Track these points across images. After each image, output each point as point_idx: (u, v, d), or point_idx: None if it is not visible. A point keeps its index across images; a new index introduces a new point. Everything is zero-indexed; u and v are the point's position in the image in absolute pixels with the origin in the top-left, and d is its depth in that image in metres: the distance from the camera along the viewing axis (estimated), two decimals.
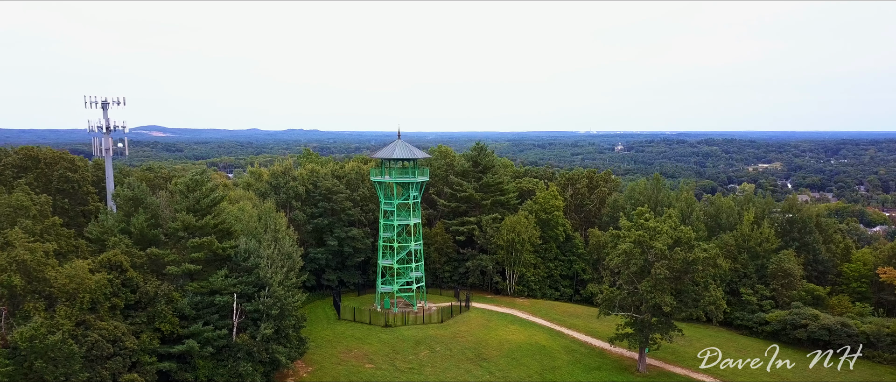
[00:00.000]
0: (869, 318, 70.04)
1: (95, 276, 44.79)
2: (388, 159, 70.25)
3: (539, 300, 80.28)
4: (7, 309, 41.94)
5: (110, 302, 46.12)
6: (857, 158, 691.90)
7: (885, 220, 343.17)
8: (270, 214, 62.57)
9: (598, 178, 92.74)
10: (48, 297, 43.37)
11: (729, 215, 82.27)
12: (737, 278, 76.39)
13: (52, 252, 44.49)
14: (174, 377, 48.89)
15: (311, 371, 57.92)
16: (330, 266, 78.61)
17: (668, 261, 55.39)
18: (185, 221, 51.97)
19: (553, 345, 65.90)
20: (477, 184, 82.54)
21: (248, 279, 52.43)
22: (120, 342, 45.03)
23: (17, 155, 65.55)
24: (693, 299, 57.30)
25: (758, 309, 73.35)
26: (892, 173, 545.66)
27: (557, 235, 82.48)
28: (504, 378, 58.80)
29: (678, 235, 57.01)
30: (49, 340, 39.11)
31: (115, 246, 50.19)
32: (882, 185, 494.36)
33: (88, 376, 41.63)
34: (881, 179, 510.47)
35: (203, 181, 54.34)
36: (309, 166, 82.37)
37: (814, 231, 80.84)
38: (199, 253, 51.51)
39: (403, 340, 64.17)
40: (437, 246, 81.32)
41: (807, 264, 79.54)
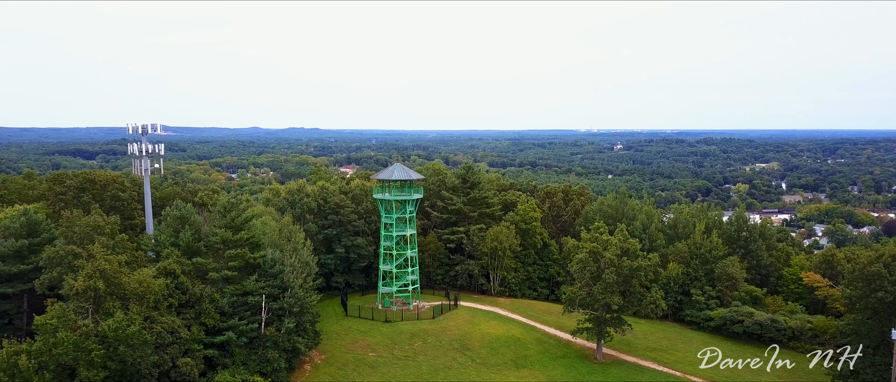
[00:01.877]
0: (798, 315, 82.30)
1: (157, 281, 57.16)
2: (388, 180, 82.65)
3: (519, 300, 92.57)
4: (93, 307, 54.29)
5: (167, 302, 58.48)
6: (854, 157, 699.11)
7: (873, 221, 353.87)
8: (289, 227, 74.97)
9: (572, 192, 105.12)
10: (123, 298, 55.66)
11: (685, 226, 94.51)
12: (688, 280, 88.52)
13: (123, 262, 56.86)
14: (216, 361, 61.18)
15: (325, 358, 70.41)
16: (338, 270, 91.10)
17: (616, 268, 67.65)
18: (224, 236, 64.33)
19: (527, 337, 78.17)
20: (465, 198, 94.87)
21: (274, 283, 64.77)
22: (176, 333, 57.40)
23: (78, 179, 77.84)
24: (637, 299, 69.58)
25: (705, 308, 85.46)
26: (887, 173, 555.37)
27: (535, 242, 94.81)
28: (483, 364, 71.14)
29: (626, 246, 69.23)
30: (128, 330, 51.46)
31: (167, 257, 62.56)
32: (875, 185, 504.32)
33: (156, 359, 54.04)
34: (875, 179, 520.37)
35: (237, 204, 66.67)
36: (319, 183, 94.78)
37: (758, 240, 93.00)
38: (235, 262, 63.85)
39: (401, 333, 76.51)
40: (430, 252, 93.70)
41: (750, 268, 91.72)
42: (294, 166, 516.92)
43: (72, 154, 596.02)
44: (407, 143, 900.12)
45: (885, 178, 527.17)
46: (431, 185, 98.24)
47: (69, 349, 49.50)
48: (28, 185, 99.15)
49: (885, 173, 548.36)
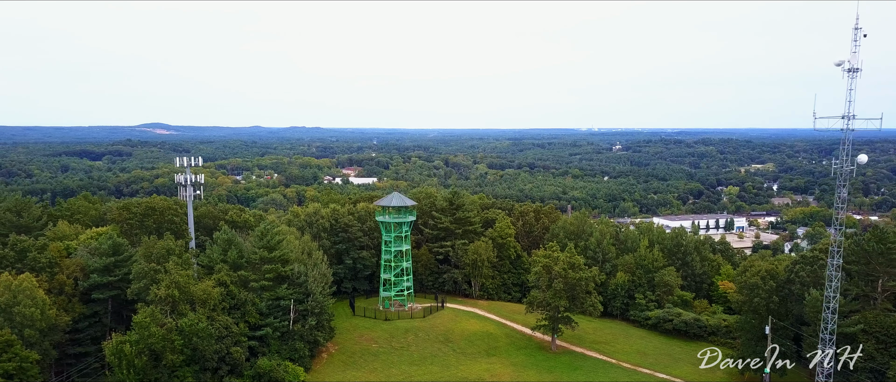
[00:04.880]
0: (718, 315, 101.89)
1: (215, 289, 77.01)
2: (387, 206, 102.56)
3: (495, 302, 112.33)
4: (170, 309, 74.18)
5: (222, 305, 78.34)
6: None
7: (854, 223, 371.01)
8: (309, 245, 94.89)
9: (542, 211, 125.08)
10: (191, 302, 75.53)
11: (632, 241, 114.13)
12: (633, 286, 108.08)
13: (191, 276, 76.78)
14: (257, 350, 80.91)
15: (338, 348, 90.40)
16: (347, 278, 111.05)
17: (563, 278, 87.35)
18: (261, 254, 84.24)
19: (498, 332, 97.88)
20: (452, 218, 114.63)
21: (299, 290, 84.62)
22: (229, 328, 77.18)
23: (141, 206, 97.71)
24: (581, 302, 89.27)
25: (645, 309, 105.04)
26: (878, 175, 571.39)
27: (510, 254, 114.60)
28: (462, 353, 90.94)
29: (572, 261, 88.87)
30: (199, 326, 71.35)
31: (219, 271, 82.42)
32: (863, 188, 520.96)
33: (217, 347, 73.90)
34: (865, 181, 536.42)
35: (270, 229, 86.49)
36: (331, 205, 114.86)
37: (693, 253, 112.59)
38: (270, 274, 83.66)
39: (397, 329, 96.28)
40: (423, 263, 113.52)
41: (686, 276, 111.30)
42: (297, 168, 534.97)
43: (78, 155, 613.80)
44: (408, 143, 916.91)
45: (874, 180, 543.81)
46: (424, 206, 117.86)
47: (158, 339, 69.43)
48: (88, 206, 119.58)
49: (876, 174, 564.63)
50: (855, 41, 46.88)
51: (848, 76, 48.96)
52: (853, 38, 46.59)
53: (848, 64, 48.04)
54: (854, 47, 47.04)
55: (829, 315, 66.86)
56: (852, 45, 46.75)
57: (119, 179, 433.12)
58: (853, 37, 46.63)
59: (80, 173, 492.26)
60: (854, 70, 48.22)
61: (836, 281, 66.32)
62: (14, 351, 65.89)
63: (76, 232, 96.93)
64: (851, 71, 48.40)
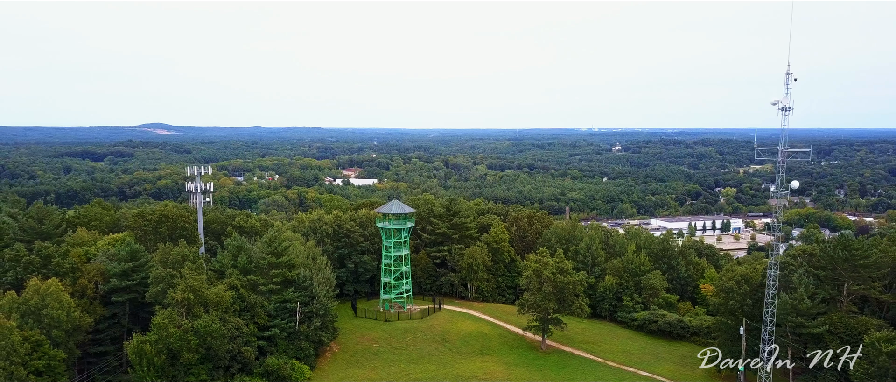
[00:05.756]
0: (700, 316, 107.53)
1: (227, 293, 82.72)
2: (388, 213, 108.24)
3: (490, 304, 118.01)
4: (186, 311, 79.92)
5: (234, 307, 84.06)
6: (848, 159, 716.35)
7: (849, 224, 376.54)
8: (313, 250, 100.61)
9: (536, 217, 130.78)
10: (205, 305, 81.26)
11: (621, 246, 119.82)
12: (621, 289, 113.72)
13: (205, 280, 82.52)
14: (266, 350, 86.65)
15: (341, 348, 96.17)
16: (349, 281, 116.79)
17: (552, 282, 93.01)
18: (269, 260, 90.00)
19: (492, 333, 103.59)
20: (449, 224, 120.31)
21: (305, 293, 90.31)
22: (240, 329, 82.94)
23: (155, 214, 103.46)
24: (569, 304, 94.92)
25: (632, 311, 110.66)
26: (876, 175, 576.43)
27: (504, 258, 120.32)
28: (458, 352, 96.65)
29: (561, 266, 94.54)
30: (213, 327, 77.10)
31: (230, 275, 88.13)
32: (860, 189, 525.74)
33: (229, 347, 79.64)
34: (862, 182, 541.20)
35: (278, 237, 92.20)
36: (334, 212, 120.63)
37: (678, 257, 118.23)
38: (277, 278, 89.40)
39: (397, 329, 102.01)
40: (421, 266, 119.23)
41: (671, 279, 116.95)
42: (299, 169, 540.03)
43: (80, 156, 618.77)
44: (408, 143, 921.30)
45: (872, 180, 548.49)
46: (422, 212, 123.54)
47: (176, 339, 75.15)
48: (103, 213, 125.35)
49: (874, 175, 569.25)
50: (787, 85, 52.59)
51: (782, 114, 54.90)
52: (786, 82, 52.27)
53: (781, 103, 53.67)
54: (786, 90, 52.72)
55: (768, 319, 72.85)
56: (784, 88, 52.41)
57: (122, 180, 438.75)
58: (785, 81, 52.33)
59: (83, 174, 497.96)
60: (787, 109, 53.96)
61: (773, 289, 73.33)
62: (43, 350, 71.66)
63: (94, 238, 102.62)
64: (784, 110, 54.14)
